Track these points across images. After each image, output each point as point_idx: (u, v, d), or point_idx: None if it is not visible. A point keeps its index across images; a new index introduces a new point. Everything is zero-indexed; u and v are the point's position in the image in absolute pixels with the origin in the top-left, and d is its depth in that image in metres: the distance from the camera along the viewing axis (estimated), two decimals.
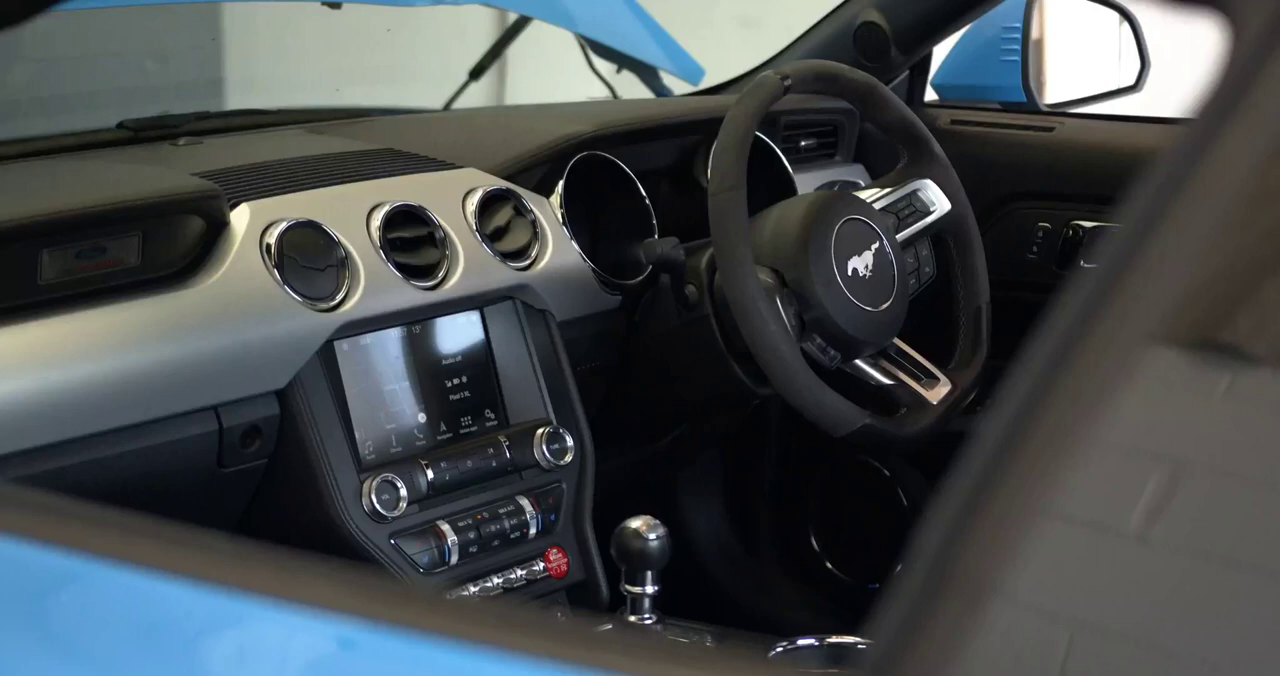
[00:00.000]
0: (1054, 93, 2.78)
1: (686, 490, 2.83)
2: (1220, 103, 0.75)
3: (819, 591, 2.87)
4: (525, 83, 4.22)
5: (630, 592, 1.91)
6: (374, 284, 1.98)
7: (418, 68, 3.83)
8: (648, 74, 3.10)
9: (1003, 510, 0.69)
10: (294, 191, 2.02)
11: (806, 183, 2.58)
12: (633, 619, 1.91)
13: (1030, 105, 2.75)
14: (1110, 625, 0.69)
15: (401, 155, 2.23)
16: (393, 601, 0.99)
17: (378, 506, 1.94)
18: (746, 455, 2.88)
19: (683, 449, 2.60)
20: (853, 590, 2.85)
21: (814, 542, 2.89)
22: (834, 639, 1.93)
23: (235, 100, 3.57)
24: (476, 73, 3.18)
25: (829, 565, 2.87)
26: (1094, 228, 2.56)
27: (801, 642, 1.93)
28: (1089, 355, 0.72)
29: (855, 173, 2.70)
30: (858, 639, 1.92)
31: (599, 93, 3.25)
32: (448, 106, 3.15)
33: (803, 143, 2.64)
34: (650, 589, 1.90)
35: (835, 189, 2.61)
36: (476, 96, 3.47)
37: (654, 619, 1.91)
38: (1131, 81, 2.80)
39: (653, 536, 1.87)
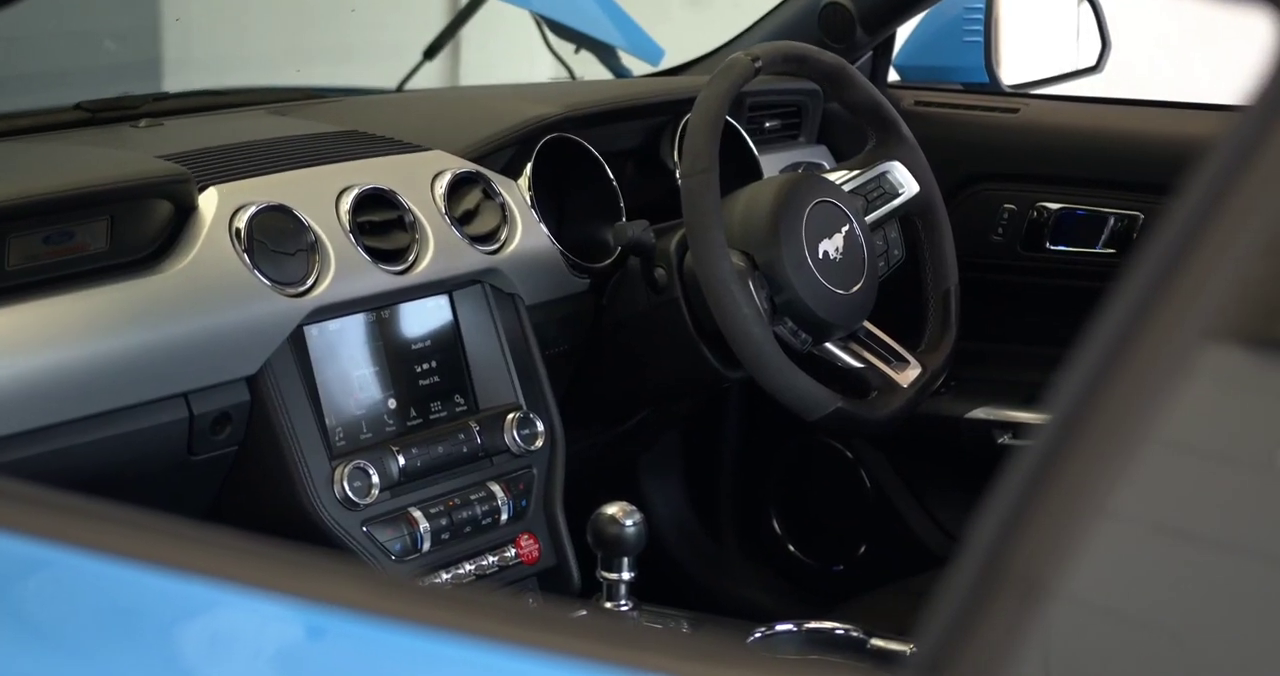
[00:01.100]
0: (1016, 74, 2.77)
1: (647, 473, 2.82)
2: (1277, 92, 0.74)
3: (780, 573, 2.86)
4: (479, 63, 4.19)
5: (606, 579, 1.89)
6: (344, 268, 1.96)
7: (371, 46, 3.79)
8: (606, 54, 3.08)
9: (1058, 508, 0.68)
10: (261, 174, 1.99)
11: (770, 164, 2.56)
12: (608, 605, 1.89)
13: (993, 86, 2.74)
14: (1168, 625, 0.68)
15: (367, 137, 2.21)
16: (364, 588, 0.98)
17: (350, 493, 1.92)
18: (707, 437, 2.87)
19: (645, 432, 2.59)
20: (815, 572, 2.84)
21: (775, 525, 2.88)
22: (812, 624, 1.92)
23: (192, 80, 3.53)
24: (431, 52, 3.15)
25: (791, 547, 2.86)
26: (1059, 209, 2.56)
27: (780, 628, 1.92)
28: (1146, 351, 0.71)
29: (819, 154, 2.69)
30: (836, 624, 1.91)
31: (555, 73, 3.23)
32: (401, 87, 3.12)
33: (767, 124, 2.63)
34: (627, 575, 1.89)
35: (801, 171, 2.60)
36: (430, 77, 3.44)
37: (630, 605, 1.90)
38: (1092, 62, 2.79)
39: (629, 522, 1.86)
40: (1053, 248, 2.56)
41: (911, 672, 0.70)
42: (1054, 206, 2.56)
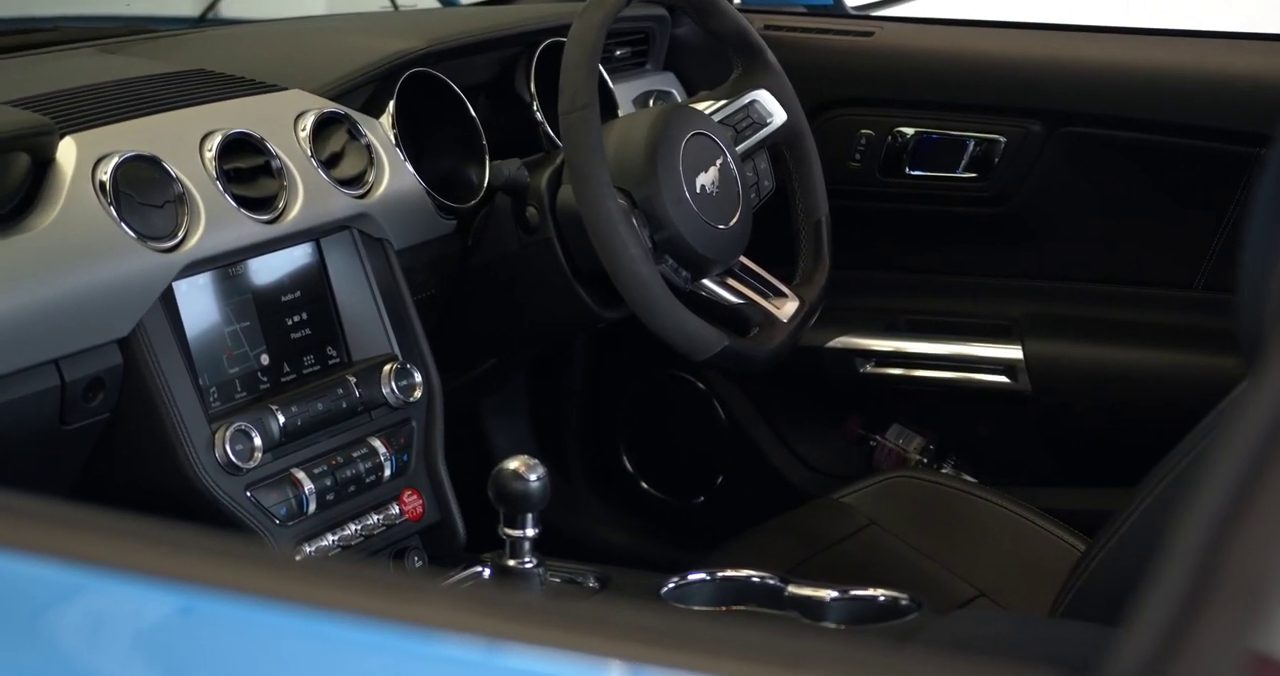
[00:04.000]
0: None
1: (491, 415, 2.74)
2: None
3: (634, 511, 2.81)
4: None
5: (509, 536, 1.81)
6: (214, 219, 1.85)
7: None
8: None
9: (1276, 504, 0.63)
10: (117, 121, 1.86)
11: (621, 93, 2.50)
12: (512, 563, 1.82)
13: (838, 9, 2.69)
14: None
15: (218, 77, 2.08)
16: (238, 566, 0.94)
17: (232, 457, 1.82)
18: (552, 376, 2.81)
19: (491, 378, 2.51)
20: (670, 508, 2.80)
21: (626, 462, 2.83)
22: (727, 572, 1.86)
23: None
24: None
25: (644, 484, 2.81)
26: (917, 134, 2.52)
27: (692, 577, 1.87)
28: None
29: (667, 81, 2.62)
30: (751, 572, 1.86)
31: (366, 5, 3.10)
32: (204, 16, 2.98)
33: (617, 52, 2.55)
34: (530, 531, 1.81)
35: (654, 101, 2.53)
36: (231, 5, 3.28)
37: (534, 562, 1.82)
38: None
39: (533, 477, 1.78)
40: (912, 173, 2.53)
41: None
42: (910, 131, 2.52)
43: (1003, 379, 2.50)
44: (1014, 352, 2.49)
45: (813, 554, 2.15)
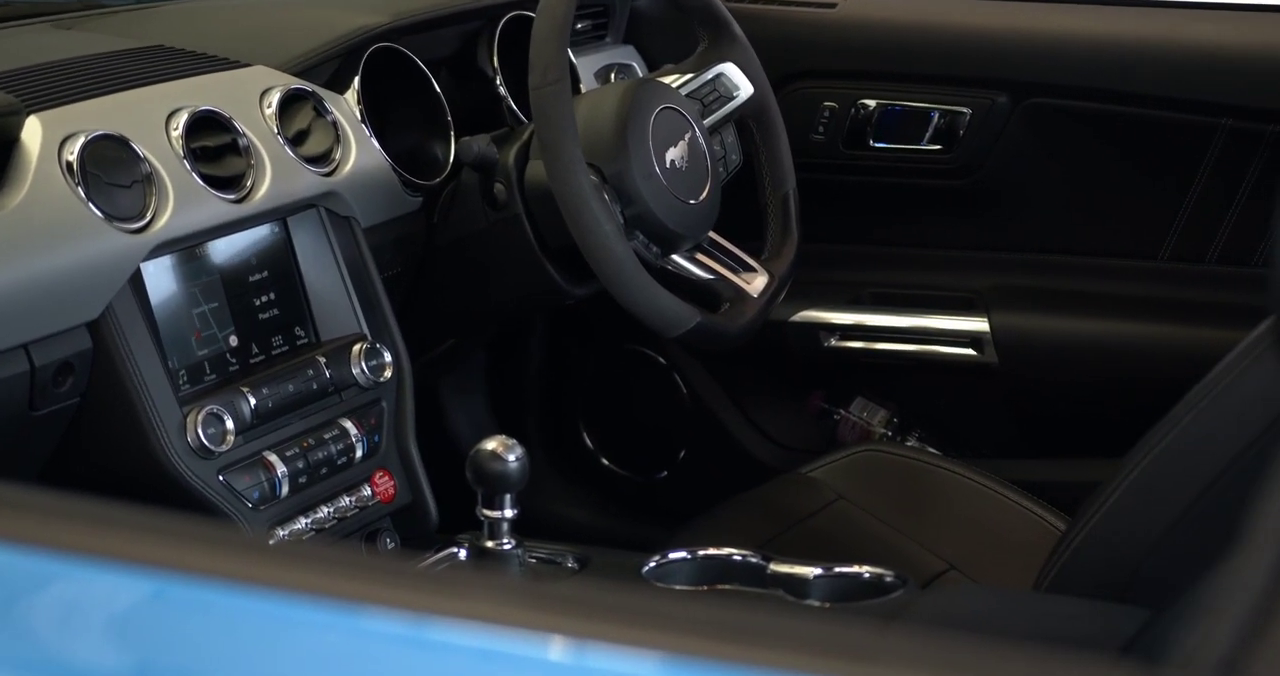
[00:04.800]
0: None
1: (449, 394, 2.72)
2: None
3: (595, 488, 2.79)
4: None
5: (488, 517, 1.79)
6: (183, 199, 1.81)
7: None
8: None
9: None
10: (81, 99, 1.82)
11: (583, 66, 2.47)
12: (490, 544, 1.80)
13: None
14: None
15: (179, 54, 2.05)
16: (209, 550, 0.93)
17: (204, 440, 1.79)
18: (511, 354, 2.78)
19: (450, 357, 2.48)
20: (632, 484, 2.78)
21: (586, 439, 2.81)
22: (709, 551, 1.85)
23: None
24: None
25: (604, 461, 2.79)
26: (880, 106, 2.51)
27: (673, 556, 1.85)
28: None
29: (628, 54, 2.60)
30: (732, 550, 1.85)
31: None
32: None
33: (577, 25, 2.52)
34: (509, 512, 1.78)
35: (615, 75, 2.51)
36: None
37: (513, 543, 1.80)
38: None
39: (511, 458, 1.75)
40: (876, 145, 2.51)
41: (1200, 670, 0.63)
42: (873, 104, 2.51)
43: (969, 351, 2.50)
44: (980, 325, 2.48)
45: (783, 530, 2.14)
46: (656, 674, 0.79)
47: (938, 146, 2.48)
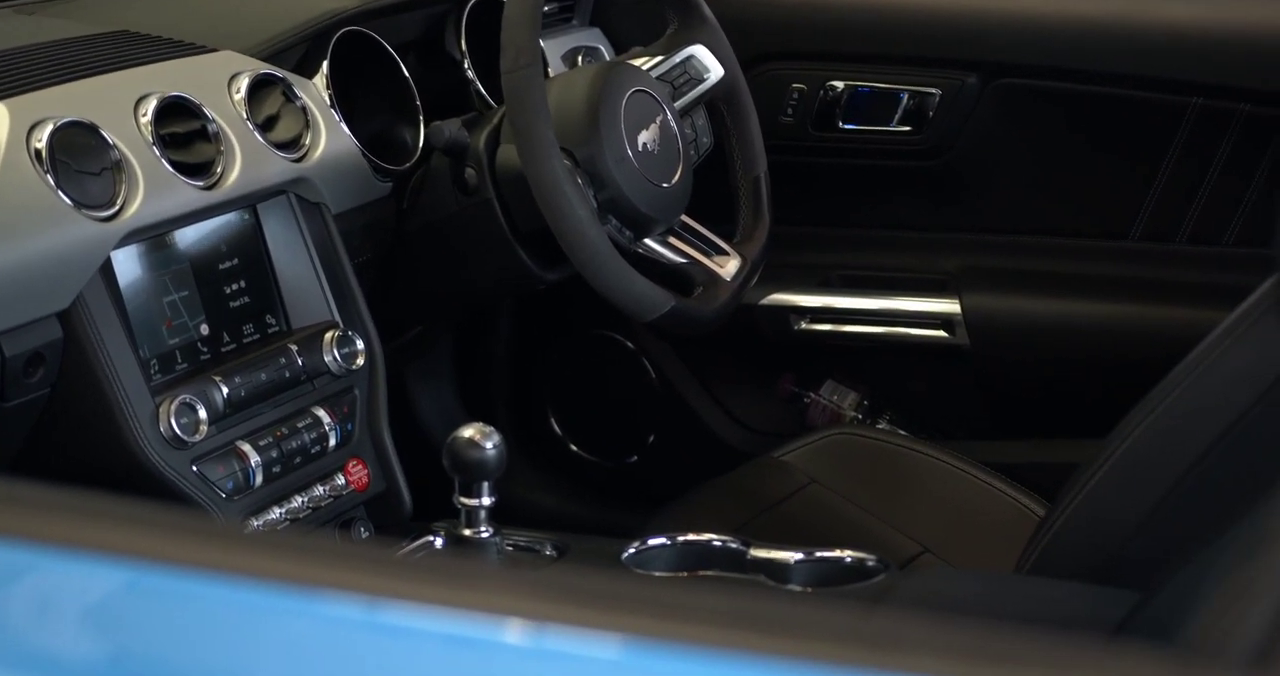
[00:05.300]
0: None
1: (416, 380, 2.70)
2: None
3: (564, 474, 2.78)
4: None
5: (465, 505, 1.77)
6: (153, 186, 1.79)
7: None
8: None
9: None
10: (47, 86, 1.80)
11: (549, 49, 2.45)
12: (468, 532, 1.78)
13: None
14: None
15: (144, 39, 2.02)
16: (182, 539, 0.93)
17: (177, 431, 1.77)
18: (477, 340, 2.76)
19: (421, 340, 2.47)
20: (602, 470, 2.76)
21: (554, 425, 2.79)
22: (689, 536, 1.84)
23: None
24: None
25: (573, 446, 2.78)
26: (848, 87, 2.49)
27: (652, 542, 1.84)
28: None
29: (594, 37, 2.58)
30: (712, 536, 1.83)
31: None
32: None
33: (545, 8, 2.50)
34: (487, 500, 1.77)
35: (582, 58, 2.49)
36: None
37: (490, 531, 1.79)
38: None
39: (489, 445, 1.73)
40: (845, 126, 2.50)
41: (1235, 664, 0.62)
42: (841, 85, 2.49)
43: (940, 333, 2.49)
44: (951, 307, 2.47)
45: (756, 514, 2.13)
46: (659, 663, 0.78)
47: (907, 128, 2.47)
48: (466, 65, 2.29)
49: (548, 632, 0.80)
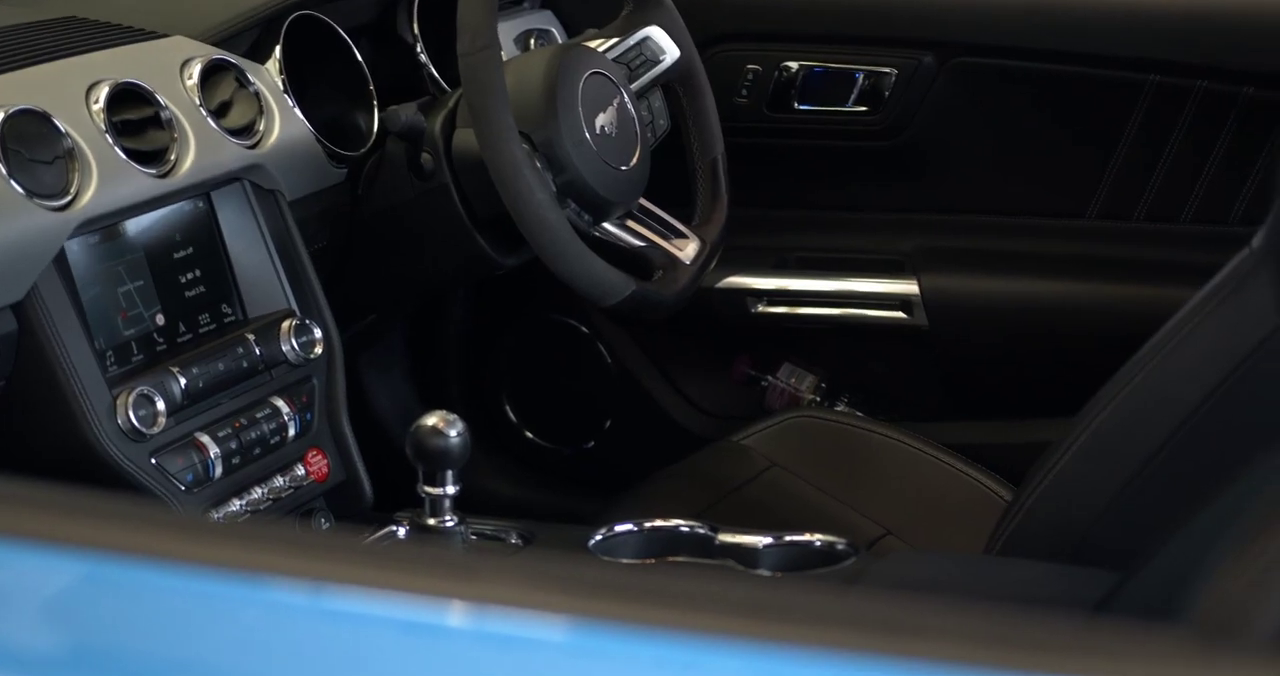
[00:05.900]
0: None
1: (369, 369, 2.67)
2: None
3: (520, 461, 2.76)
4: None
5: (429, 494, 1.75)
6: (106, 175, 1.76)
7: None
8: None
9: None
10: None
11: (501, 32, 2.41)
12: (432, 521, 1.76)
13: None
14: None
15: (93, 25, 1.99)
16: (140, 529, 0.92)
17: (135, 423, 1.74)
18: (430, 327, 2.74)
19: (375, 328, 2.44)
20: (557, 456, 2.75)
21: (509, 411, 2.77)
22: (656, 522, 1.82)
23: None
24: None
25: (529, 433, 2.76)
26: (802, 68, 2.48)
27: (619, 528, 1.82)
28: None
29: (546, 19, 2.55)
30: (679, 521, 1.82)
31: None
32: None
33: None
34: (451, 489, 1.75)
35: (535, 40, 2.47)
36: None
37: (455, 520, 1.77)
38: None
39: (453, 433, 1.72)
40: (801, 107, 2.49)
41: (1260, 648, 0.61)
42: (796, 65, 2.48)
43: (898, 314, 2.48)
44: (909, 287, 2.46)
45: (718, 499, 2.12)
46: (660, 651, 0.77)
47: (863, 108, 2.46)
48: (419, 49, 2.26)
49: (519, 620, 0.79)
